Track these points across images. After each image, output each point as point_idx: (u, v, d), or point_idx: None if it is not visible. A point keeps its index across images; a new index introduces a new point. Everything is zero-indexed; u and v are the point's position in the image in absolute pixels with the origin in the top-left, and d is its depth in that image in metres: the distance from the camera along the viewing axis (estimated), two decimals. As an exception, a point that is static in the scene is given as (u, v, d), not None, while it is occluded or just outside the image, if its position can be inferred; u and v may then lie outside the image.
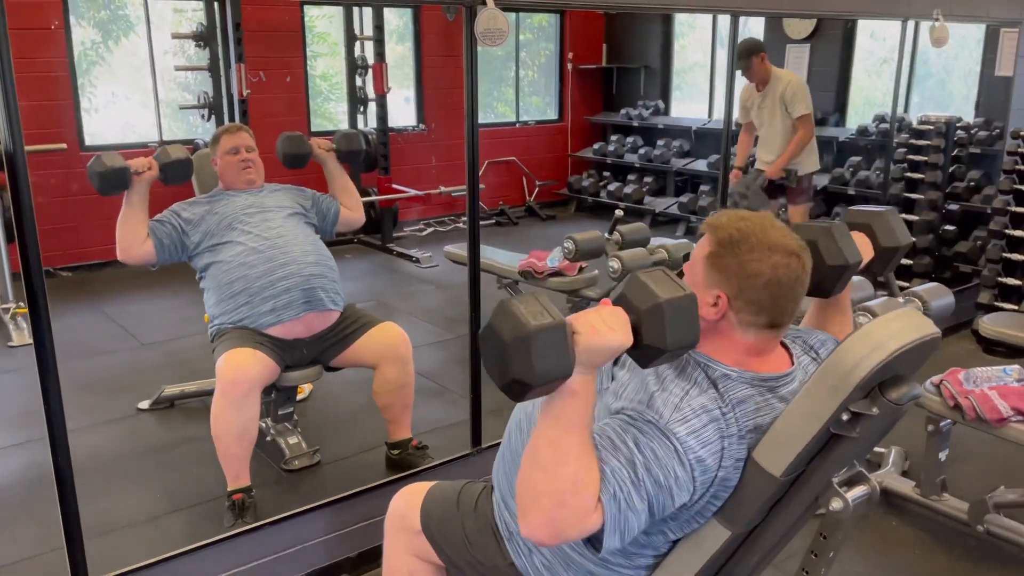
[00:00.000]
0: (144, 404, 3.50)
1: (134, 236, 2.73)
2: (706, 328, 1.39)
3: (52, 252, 5.54)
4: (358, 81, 6.53)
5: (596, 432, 1.32)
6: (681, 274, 1.42)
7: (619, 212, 3.72)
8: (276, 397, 3.03)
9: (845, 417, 1.27)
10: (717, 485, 1.34)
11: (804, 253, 1.39)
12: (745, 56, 4.53)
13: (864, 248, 1.63)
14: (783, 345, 1.50)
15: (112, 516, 2.67)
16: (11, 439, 3.23)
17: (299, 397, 3.43)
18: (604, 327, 1.21)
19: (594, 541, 1.29)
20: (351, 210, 3.09)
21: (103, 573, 2.07)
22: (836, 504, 1.34)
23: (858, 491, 1.35)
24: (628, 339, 1.22)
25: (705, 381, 1.35)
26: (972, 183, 5.13)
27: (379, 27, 6.23)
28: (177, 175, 2.84)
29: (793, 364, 1.46)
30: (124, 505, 2.76)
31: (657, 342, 1.22)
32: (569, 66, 8.08)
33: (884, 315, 1.28)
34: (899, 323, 1.27)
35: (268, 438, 3.05)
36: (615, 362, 1.46)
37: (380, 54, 6.21)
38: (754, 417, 1.36)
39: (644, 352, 1.24)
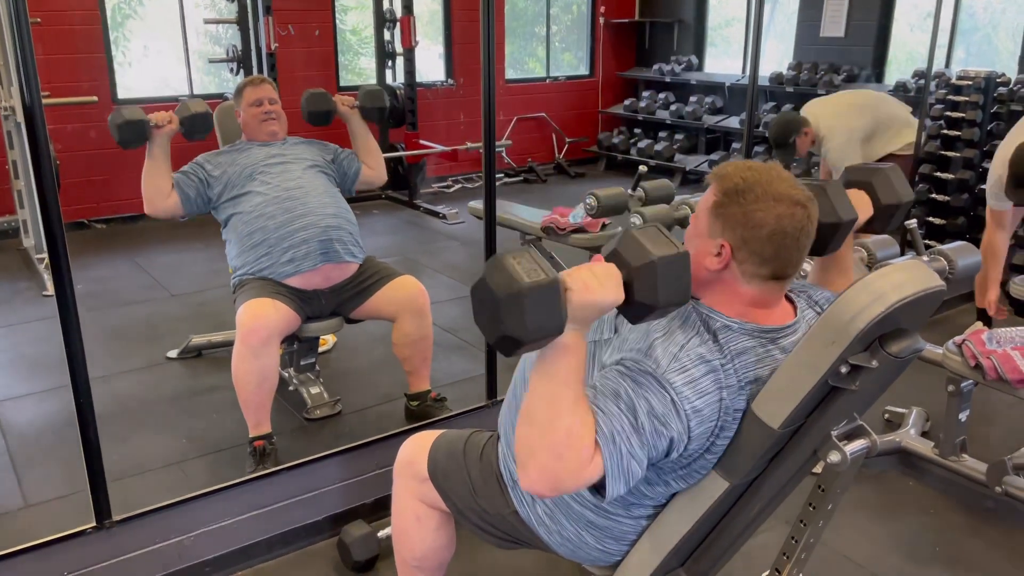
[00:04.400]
0: (172, 353, 3.59)
1: (158, 189, 2.77)
2: (709, 279, 1.39)
3: (86, 204, 5.65)
4: (386, 35, 6.48)
5: (596, 381, 1.33)
6: None
7: (643, 168, 3.67)
8: (298, 348, 3.08)
9: (844, 369, 1.25)
10: (716, 436, 1.34)
11: (810, 204, 1.36)
12: (785, 138, 4.06)
13: (864, 206, 1.60)
14: (788, 298, 1.48)
15: (138, 460, 2.76)
16: (44, 384, 3.33)
17: (322, 348, 3.48)
18: (596, 284, 1.21)
19: (598, 488, 1.30)
20: (372, 169, 3.09)
21: (127, 512, 2.15)
22: (834, 457, 1.32)
23: (857, 444, 1.34)
24: (620, 296, 1.23)
25: (705, 332, 1.34)
26: (1013, 141, 4.97)
27: (407, -21, 6.17)
28: (197, 129, 2.87)
29: (796, 316, 1.45)
30: (150, 450, 2.84)
31: (648, 299, 1.22)
32: (601, 20, 7.94)
33: (887, 266, 1.25)
34: (902, 274, 1.24)
35: (291, 388, 3.11)
36: (617, 314, 1.46)
37: (408, 7, 6.15)
38: (754, 368, 1.35)
39: (635, 309, 1.25)
